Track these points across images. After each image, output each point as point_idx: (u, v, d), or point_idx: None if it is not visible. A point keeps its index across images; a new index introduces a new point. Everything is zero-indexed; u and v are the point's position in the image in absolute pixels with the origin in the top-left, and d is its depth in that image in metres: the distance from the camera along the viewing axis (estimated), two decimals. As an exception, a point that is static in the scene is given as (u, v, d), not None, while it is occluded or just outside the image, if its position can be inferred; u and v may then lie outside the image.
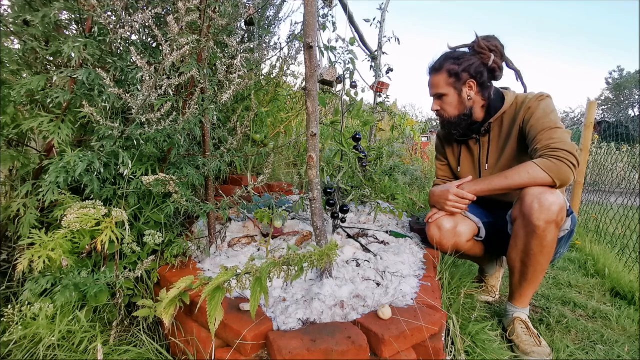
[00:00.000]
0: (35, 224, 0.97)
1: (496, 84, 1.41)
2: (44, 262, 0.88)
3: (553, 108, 1.24)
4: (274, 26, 2.29)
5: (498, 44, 1.32)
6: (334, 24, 1.74)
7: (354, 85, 1.62)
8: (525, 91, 1.40)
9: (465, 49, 1.36)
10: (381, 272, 1.14)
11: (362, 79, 2.36)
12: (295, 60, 2.43)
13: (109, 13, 0.97)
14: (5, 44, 0.99)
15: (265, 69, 2.37)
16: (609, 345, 1.25)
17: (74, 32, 1.07)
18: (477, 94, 1.32)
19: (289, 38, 2.28)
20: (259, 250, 1.31)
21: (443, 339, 0.99)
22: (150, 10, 0.89)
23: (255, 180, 1.12)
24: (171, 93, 0.99)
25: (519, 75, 1.39)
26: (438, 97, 1.35)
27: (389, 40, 2.34)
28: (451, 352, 1.04)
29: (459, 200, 1.27)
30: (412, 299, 1.00)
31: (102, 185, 1.05)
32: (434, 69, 1.35)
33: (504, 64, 1.34)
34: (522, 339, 1.17)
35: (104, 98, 0.99)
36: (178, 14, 0.88)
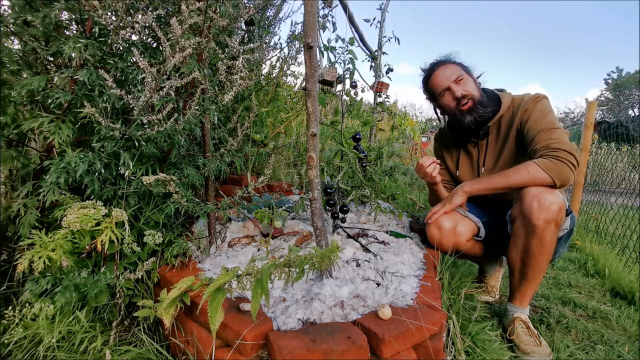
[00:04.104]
0: (36, 224, 0.97)
1: (491, 86, 1.42)
2: (44, 262, 0.88)
3: (550, 109, 1.24)
4: (274, 26, 2.28)
5: None
6: (334, 24, 1.74)
7: (354, 85, 1.62)
8: None
9: None
10: (381, 272, 1.15)
11: (362, 79, 2.36)
12: (295, 60, 2.42)
13: (109, 14, 0.97)
14: (6, 44, 0.99)
15: (265, 69, 2.37)
16: (609, 345, 1.25)
17: (75, 32, 1.07)
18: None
19: (289, 38, 2.28)
20: (259, 250, 1.31)
21: (443, 339, 0.99)
22: (152, 12, 0.89)
23: (255, 180, 1.12)
24: (172, 94, 0.99)
25: None
26: (457, 81, 1.33)
27: (389, 40, 2.34)
28: (451, 352, 1.04)
29: (418, 167, 1.38)
30: (412, 299, 1.01)
31: (102, 185, 1.05)
32: (442, 62, 1.38)
33: None
34: (522, 339, 1.17)
35: (105, 99, 0.99)
36: (181, 16, 0.88)
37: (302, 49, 1.23)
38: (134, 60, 1.03)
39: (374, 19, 2.31)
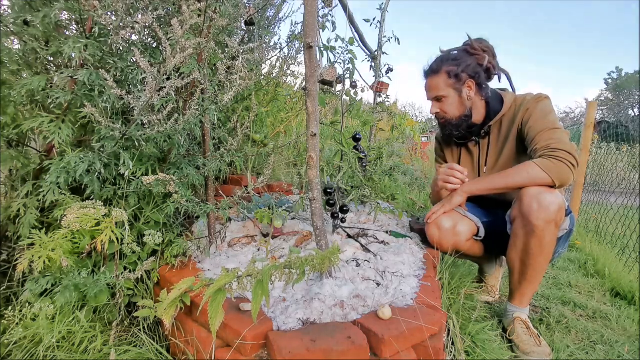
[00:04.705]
0: (35, 224, 0.97)
1: (493, 86, 1.42)
2: (44, 262, 0.88)
3: (551, 109, 1.24)
4: (274, 26, 2.29)
5: (489, 45, 1.35)
6: (333, 24, 1.74)
7: (354, 85, 1.62)
8: (514, 91, 1.41)
9: (458, 52, 1.37)
10: (381, 272, 1.15)
11: (362, 79, 2.35)
12: (295, 60, 2.42)
13: (109, 14, 0.97)
14: (6, 44, 0.99)
15: (265, 69, 2.37)
16: (609, 345, 1.25)
17: (75, 32, 1.07)
18: (476, 94, 1.33)
19: (289, 38, 2.28)
20: (258, 250, 1.31)
21: (443, 339, 0.99)
22: (152, 12, 0.89)
23: (255, 180, 1.12)
24: (172, 94, 0.99)
25: (508, 77, 1.42)
26: (437, 99, 1.35)
27: (389, 40, 2.34)
28: (451, 352, 1.04)
29: (449, 172, 1.28)
30: (412, 299, 1.01)
31: (102, 185, 1.05)
32: (432, 71, 1.35)
33: (496, 64, 1.37)
34: (522, 339, 1.17)
35: (105, 99, 0.99)
36: (182, 17, 0.88)
37: (302, 49, 1.23)
38: (134, 60, 1.03)
39: (374, 19, 2.31)
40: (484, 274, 1.62)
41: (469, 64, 1.31)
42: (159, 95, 0.89)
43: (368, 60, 2.35)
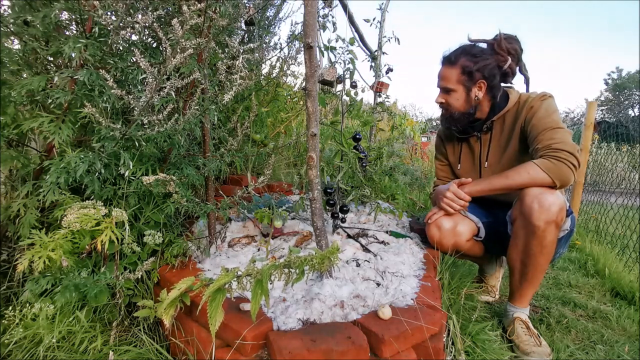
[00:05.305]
0: (36, 224, 0.97)
1: None
2: (44, 262, 0.88)
3: (555, 108, 1.24)
4: (274, 26, 2.29)
5: (518, 48, 1.31)
6: (334, 24, 1.74)
7: (354, 85, 1.62)
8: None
9: (484, 45, 1.33)
10: (381, 272, 1.15)
11: (362, 79, 2.36)
12: (295, 60, 2.42)
13: (109, 14, 0.97)
14: (6, 44, 0.99)
15: (265, 69, 2.37)
16: (609, 345, 1.25)
17: (75, 32, 1.07)
18: (484, 95, 1.31)
19: (289, 38, 2.28)
20: (259, 250, 1.31)
21: (443, 339, 0.99)
22: (152, 12, 0.89)
23: (255, 180, 1.12)
24: (172, 94, 0.99)
25: (527, 82, 1.39)
26: (445, 90, 1.33)
27: (389, 40, 2.34)
28: (451, 352, 1.04)
29: (454, 199, 1.26)
30: (412, 299, 1.01)
31: (102, 185, 1.05)
32: (448, 61, 1.32)
33: (517, 69, 1.34)
34: (522, 339, 1.17)
35: (105, 99, 0.99)
36: (182, 17, 0.87)
37: (302, 49, 1.23)
38: (134, 60, 1.03)
39: (374, 19, 2.31)
40: (484, 274, 1.62)
41: (487, 63, 1.27)
42: (159, 95, 0.89)
43: (368, 60, 2.35)
